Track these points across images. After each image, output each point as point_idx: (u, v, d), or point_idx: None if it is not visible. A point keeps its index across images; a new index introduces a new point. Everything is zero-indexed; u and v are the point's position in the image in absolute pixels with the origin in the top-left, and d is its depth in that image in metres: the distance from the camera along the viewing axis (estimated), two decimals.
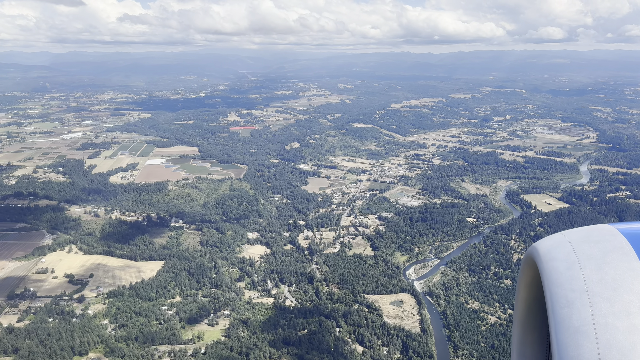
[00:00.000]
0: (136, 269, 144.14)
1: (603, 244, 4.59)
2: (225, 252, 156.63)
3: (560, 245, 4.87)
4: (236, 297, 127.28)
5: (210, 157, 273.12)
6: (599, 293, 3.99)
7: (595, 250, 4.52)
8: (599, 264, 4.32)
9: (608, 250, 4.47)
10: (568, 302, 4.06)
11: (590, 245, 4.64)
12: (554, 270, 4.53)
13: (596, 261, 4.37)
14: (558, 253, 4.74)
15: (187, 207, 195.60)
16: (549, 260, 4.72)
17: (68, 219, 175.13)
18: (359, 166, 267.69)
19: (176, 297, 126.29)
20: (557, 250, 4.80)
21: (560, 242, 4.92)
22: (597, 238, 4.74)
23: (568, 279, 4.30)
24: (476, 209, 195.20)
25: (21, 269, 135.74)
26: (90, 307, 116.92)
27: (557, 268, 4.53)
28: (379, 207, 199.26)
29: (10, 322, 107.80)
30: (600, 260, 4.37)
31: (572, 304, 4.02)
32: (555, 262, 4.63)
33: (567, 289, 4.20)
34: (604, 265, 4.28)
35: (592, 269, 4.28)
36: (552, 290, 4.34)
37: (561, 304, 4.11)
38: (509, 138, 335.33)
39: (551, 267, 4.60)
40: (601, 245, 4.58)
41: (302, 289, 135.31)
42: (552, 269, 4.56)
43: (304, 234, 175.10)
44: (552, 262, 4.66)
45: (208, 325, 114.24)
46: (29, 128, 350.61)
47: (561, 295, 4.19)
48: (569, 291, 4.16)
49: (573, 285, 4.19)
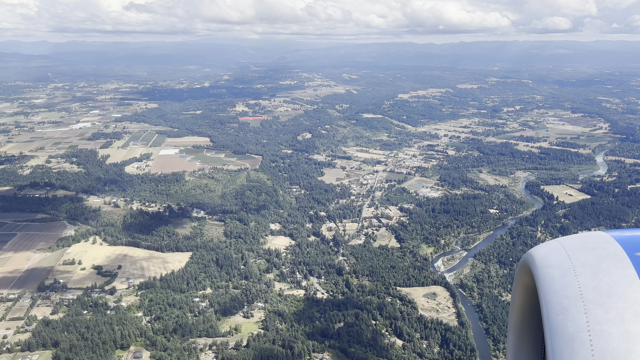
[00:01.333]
0: (161, 260, 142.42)
1: (598, 251, 4.60)
2: (250, 243, 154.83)
3: (555, 252, 4.84)
4: (267, 289, 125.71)
5: (223, 147, 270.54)
6: (594, 300, 3.99)
7: (590, 257, 4.52)
8: (593, 270, 4.31)
9: (603, 257, 4.47)
10: (563, 308, 4.06)
11: (585, 252, 4.64)
12: (549, 277, 4.54)
13: (591, 268, 4.36)
14: (553, 260, 4.72)
15: (206, 198, 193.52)
16: (544, 267, 4.70)
17: (88, 210, 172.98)
18: (373, 157, 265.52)
19: (207, 289, 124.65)
20: (552, 257, 4.77)
21: (555, 249, 4.89)
22: (592, 245, 4.73)
23: (563, 285, 4.29)
24: (497, 200, 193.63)
25: (47, 260, 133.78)
26: (122, 299, 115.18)
27: (552, 275, 4.52)
28: (399, 198, 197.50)
29: (44, 314, 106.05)
30: (595, 267, 4.36)
31: (567, 311, 4.01)
32: (550, 268, 4.63)
33: (562, 295, 4.19)
34: (598, 272, 4.27)
35: (587, 276, 4.27)
36: (547, 296, 4.32)
37: (556, 310, 4.10)
38: (521, 129, 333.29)
39: (546, 274, 4.60)
40: (596, 252, 4.59)
41: (332, 281, 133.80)
42: (547, 276, 4.56)
43: (327, 225, 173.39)
44: (547, 269, 4.65)
45: (243, 317, 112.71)
46: (37, 118, 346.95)
47: (556, 302, 4.17)
48: (564, 298, 4.15)
49: (568, 292, 4.18)
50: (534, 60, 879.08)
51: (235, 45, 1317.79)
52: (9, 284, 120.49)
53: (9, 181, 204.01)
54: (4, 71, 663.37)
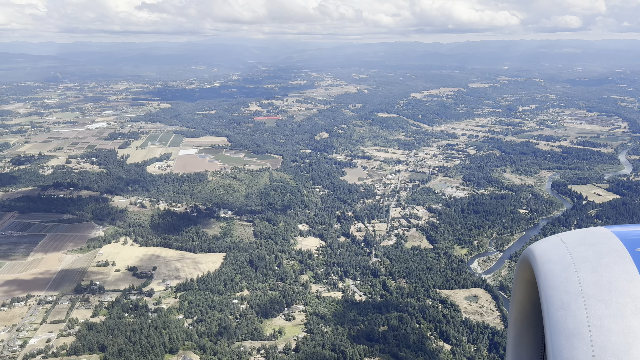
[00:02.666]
0: (192, 260, 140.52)
1: (598, 246, 4.59)
2: (281, 244, 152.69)
3: (555, 247, 4.84)
4: (304, 291, 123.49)
5: (242, 147, 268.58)
6: (594, 295, 3.99)
7: (590, 253, 4.52)
8: (594, 266, 4.31)
9: (603, 252, 4.46)
10: (563, 304, 4.07)
11: (586, 247, 4.63)
12: (549, 272, 4.54)
13: (591, 264, 4.35)
14: (553, 255, 4.71)
15: (231, 198, 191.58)
16: (545, 263, 4.70)
17: (114, 210, 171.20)
18: (392, 156, 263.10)
19: (244, 290, 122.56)
20: (553, 252, 4.77)
21: (555, 245, 4.89)
22: (592, 240, 4.72)
23: (563, 281, 4.30)
24: (526, 200, 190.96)
25: (80, 262, 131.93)
26: (162, 301, 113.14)
27: (552, 270, 4.53)
28: (425, 198, 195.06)
29: (85, 317, 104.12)
30: (595, 262, 4.35)
31: (567, 306, 4.02)
32: (550, 264, 4.62)
33: (562, 291, 4.20)
34: (599, 268, 4.27)
35: (587, 272, 4.27)
36: (547, 292, 4.33)
37: (556, 306, 4.11)
38: (539, 128, 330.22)
39: (546, 270, 4.59)
40: (596, 247, 4.58)
41: (369, 283, 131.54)
42: (548, 271, 4.56)
43: (355, 225, 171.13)
44: (548, 265, 4.64)
45: (284, 319, 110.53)
46: (51, 118, 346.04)
47: (556, 297, 4.18)
48: (564, 293, 4.16)
49: (568, 287, 4.19)
50: (543, 59, 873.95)
51: (242, 45, 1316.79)
52: (44, 285, 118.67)
53: (30, 181, 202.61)
54: (14, 72, 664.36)
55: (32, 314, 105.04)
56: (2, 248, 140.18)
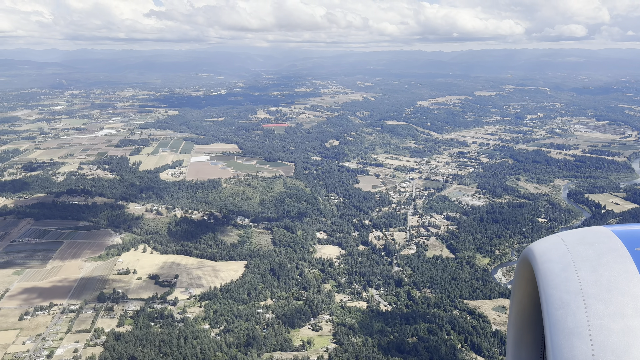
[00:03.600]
0: (211, 268, 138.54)
1: (598, 245, 4.59)
2: (300, 252, 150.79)
3: (555, 246, 4.84)
4: (329, 300, 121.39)
5: (253, 154, 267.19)
6: (594, 295, 3.99)
7: (590, 252, 4.52)
8: (594, 265, 4.31)
9: (603, 252, 4.47)
10: (563, 303, 4.06)
11: (586, 247, 4.63)
12: (549, 271, 4.54)
13: (591, 263, 4.35)
14: (553, 255, 4.71)
15: (245, 205, 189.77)
16: (544, 262, 4.70)
17: (130, 217, 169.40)
18: (404, 164, 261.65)
19: (267, 300, 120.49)
20: (553, 251, 4.77)
21: (555, 244, 4.89)
22: (592, 240, 4.73)
23: (563, 280, 4.29)
24: (544, 208, 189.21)
25: (100, 269, 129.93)
26: (187, 310, 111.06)
27: (552, 269, 4.53)
28: (442, 206, 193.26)
29: (110, 326, 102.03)
30: (595, 262, 4.35)
31: (567, 306, 4.01)
32: (550, 263, 4.63)
33: (562, 290, 4.19)
34: (599, 267, 4.27)
35: (587, 271, 4.27)
36: (547, 291, 4.32)
37: (556, 305, 4.10)
38: (549, 136, 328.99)
39: (546, 269, 4.59)
40: (596, 247, 4.58)
41: (393, 293, 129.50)
42: (548, 271, 4.56)
43: (374, 234, 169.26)
44: (548, 264, 4.64)
45: (311, 330, 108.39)
46: (59, 124, 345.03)
47: (556, 296, 4.17)
48: (564, 293, 4.15)
49: (568, 286, 4.19)
50: (547, 68, 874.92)
51: (245, 53, 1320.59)
52: (66, 293, 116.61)
53: (43, 188, 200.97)
54: (19, 78, 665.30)
55: (57, 323, 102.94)
56: (20, 255, 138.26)
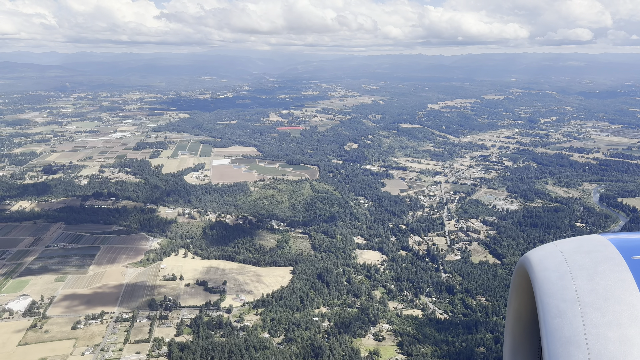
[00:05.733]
0: (253, 273, 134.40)
1: (594, 254, 4.58)
2: (342, 257, 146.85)
3: (552, 255, 4.82)
4: (384, 308, 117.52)
5: (274, 157, 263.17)
6: (591, 303, 3.97)
7: (586, 261, 4.51)
8: (590, 274, 4.29)
9: (599, 260, 4.46)
10: (560, 312, 4.03)
11: (582, 255, 4.62)
12: (545, 280, 4.52)
13: (588, 271, 4.34)
14: (550, 263, 4.70)
15: (276, 209, 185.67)
16: (541, 270, 4.68)
17: (162, 221, 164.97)
18: (427, 167, 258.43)
19: (321, 307, 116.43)
20: (549, 260, 4.75)
21: (552, 252, 4.87)
22: (589, 248, 4.72)
23: (560, 289, 4.26)
24: (579, 213, 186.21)
25: (144, 275, 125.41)
26: (243, 318, 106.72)
27: (548, 278, 4.51)
28: (476, 210, 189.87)
29: (169, 336, 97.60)
30: (591, 270, 4.34)
31: (563, 314, 3.99)
32: (547, 272, 4.61)
33: (558, 299, 4.16)
34: (595, 276, 4.25)
35: (583, 279, 4.25)
36: (543, 300, 4.30)
37: (553, 313, 4.07)
38: (567, 140, 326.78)
39: (543, 277, 4.58)
40: (592, 255, 4.57)
41: (446, 300, 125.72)
42: (544, 279, 4.54)
43: (413, 238, 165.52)
44: (544, 272, 4.63)
45: (374, 339, 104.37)
46: (71, 127, 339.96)
47: (553, 305, 4.14)
48: (560, 301, 4.13)
49: (565, 295, 4.16)
50: (549, 72, 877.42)
51: (246, 56, 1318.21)
52: (114, 301, 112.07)
53: (66, 191, 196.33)
54: (22, 81, 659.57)
55: (112, 332, 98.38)
56: (56, 261, 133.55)
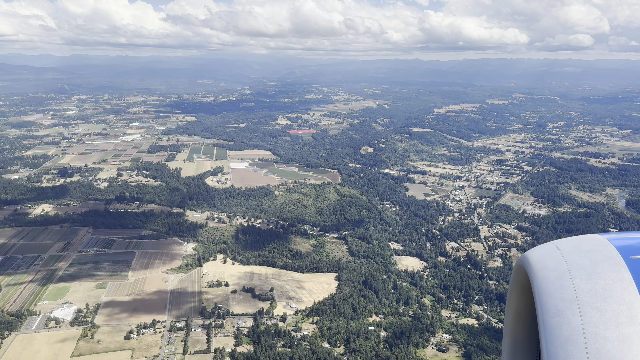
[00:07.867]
0: (291, 279, 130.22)
1: (593, 253, 4.59)
2: (381, 263, 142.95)
3: (551, 254, 4.84)
4: (438, 317, 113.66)
5: (291, 161, 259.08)
6: (589, 302, 3.98)
7: (585, 260, 4.52)
8: (589, 273, 4.30)
9: (598, 260, 4.47)
10: (558, 311, 4.05)
11: (581, 255, 4.64)
12: (544, 279, 4.53)
13: (586, 271, 4.35)
14: (549, 262, 4.71)
15: (303, 213, 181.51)
16: (540, 270, 4.69)
17: (192, 225, 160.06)
18: (447, 172, 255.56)
19: (373, 315, 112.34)
20: (548, 259, 4.77)
21: (551, 252, 4.89)
22: (588, 248, 4.73)
23: (558, 288, 4.28)
24: (611, 218, 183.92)
25: (186, 282, 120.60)
26: (300, 326, 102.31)
27: (547, 277, 4.52)
28: (507, 216, 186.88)
29: (229, 346, 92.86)
30: (590, 270, 4.35)
31: (562, 313, 4.00)
32: (545, 271, 4.62)
33: (557, 298, 4.18)
34: (594, 275, 4.26)
35: (582, 279, 4.26)
36: (542, 299, 4.31)
37: (551, 313, 4.08)
38: (580, 144, 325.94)
39: (542, 276, 4.59)
40: (591, 255, 4.58)
41: (498, 309, 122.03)
42: (543, 278, 4.55)
43: (449, 244, 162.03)
44: (543, 272, 4.63)
45: (437, 350, 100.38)
46: (78, 129, 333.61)
47: (551, 304, 4.16)
48: (559, 300, 4.14)
49: (563, 294, 4.17)
50: (547, 77, 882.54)
51: (242, 60, 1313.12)
52: (162, 308, 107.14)
53: (86, 194, 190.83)
54: (20, 83, 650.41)
55: (169, 342, 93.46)
56: (91, 266, 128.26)
